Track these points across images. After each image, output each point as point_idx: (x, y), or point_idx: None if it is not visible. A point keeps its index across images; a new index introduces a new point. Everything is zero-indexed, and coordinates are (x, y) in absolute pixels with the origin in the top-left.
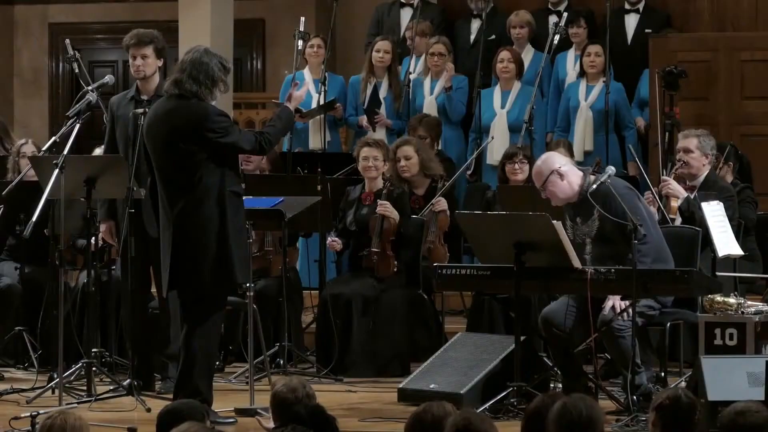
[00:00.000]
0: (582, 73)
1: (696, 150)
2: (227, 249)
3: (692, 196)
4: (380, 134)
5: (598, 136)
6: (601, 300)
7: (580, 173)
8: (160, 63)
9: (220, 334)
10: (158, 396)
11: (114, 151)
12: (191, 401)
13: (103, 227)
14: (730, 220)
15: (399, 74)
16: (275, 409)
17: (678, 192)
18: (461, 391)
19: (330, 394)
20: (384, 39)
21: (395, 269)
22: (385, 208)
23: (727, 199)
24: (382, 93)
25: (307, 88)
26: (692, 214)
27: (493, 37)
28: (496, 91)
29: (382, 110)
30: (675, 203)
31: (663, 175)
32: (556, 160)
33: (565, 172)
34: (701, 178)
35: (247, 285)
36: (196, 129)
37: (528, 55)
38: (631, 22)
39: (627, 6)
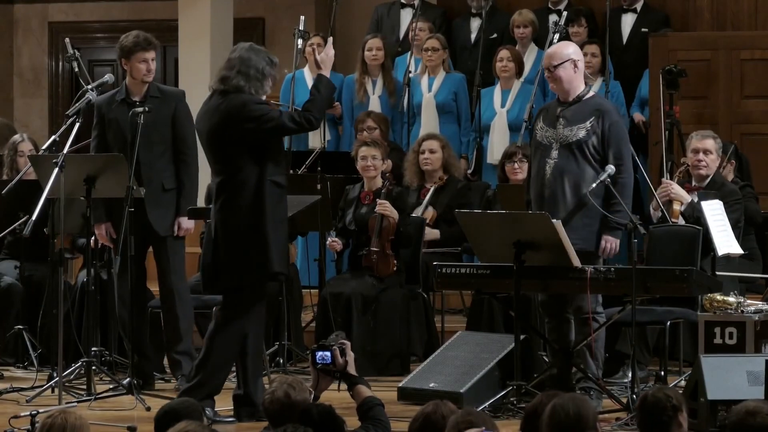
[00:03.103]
0: None
1: (714, 151)
2: (264, 238)
3: (695, 200)
4: None
5: None
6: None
7: (584, 81)
8: None
9: (262, 326)
10: (158, 395)
11: (105, 152)
12: (188, 400)
13: (99, 230)
14: (736, 223)
15: (392, 71)
16: (273, 418)
17: (682, 197)
18: (461, 390)
19: (329, 393)
20: (374, 37)
21: (395, 268)
22: (385, 207)
23: (734, 202)
24: (377, 91)
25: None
26: (697, 220)
27: (495, 35)
28: (496, 91)
29: (376, 107)
30: (677, 207)
31: (665, 176)
32: (577, 51)
33: (579, 68)
34: (708, 180)
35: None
36: (235, 122)
37: (532, 54)
38: (628, 21)
39: (624, 6)
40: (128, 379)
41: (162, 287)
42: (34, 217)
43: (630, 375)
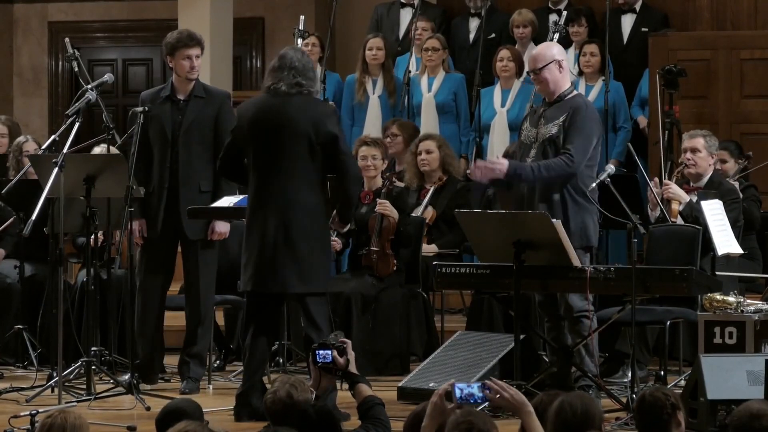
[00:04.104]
0: (581, 72)
1: (703, 150)
2: (328, 244)
3: (695, 200)
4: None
5: None
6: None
7: (569, 81)
8: None
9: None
10: (158, 395)
11: (145, 148)
12: (190, 400)
13: (134, 224)
14: (735, 222)
15: (393, 71)
16: (275, 417)
17: (680, 196)
18: None
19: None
20: (375, 36)
21: (395, 268)
22: (385, 206)
23: (733, 201)
24: (377, 91)
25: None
26: (696, 219)
27: (493, 35)
28: (496, 90)
29: (375, 106)
30: (676, 206)
31: (664, 177)
32: (559, 51)
33: (564, 67)
34: (706, 179)
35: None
36: (322, 124)
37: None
38: (627, 21)
39: (623, 8)
40: (128, 376)
41: (188, 289)
42: (33, 217)
43: (630, 375)
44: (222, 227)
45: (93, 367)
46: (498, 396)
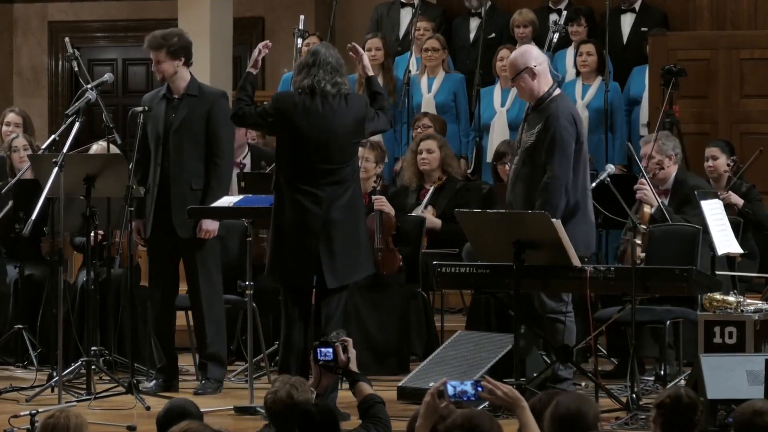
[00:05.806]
0: (578, 72)
1: (656, 155)
2: (366, 237)
3: (666, 202)
4: None
5: (592, 136)
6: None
7: (551, 80)
8: (180, 62)
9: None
10: (158, 394)
11: (146, 149)
12: (189, 399)
13: (134, 224)
14: None
15: (393, 71)
16: (275, 418)
17: (651, 200)
18: None
19: None
20: (374, 37)
21: (400, 263)
22: (381, 202)
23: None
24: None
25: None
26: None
27: (493, 35)
28: (496, 90)
29: None
30: (648, 210)
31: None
32: (533, 56)
33: (538, 72)
34: (671, 180)
35: (247, 283)
36: (363, 121)
37: None
38: (627, 20)
39: (623, 7)
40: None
41: (189, 290)
42: (33, 217)
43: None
44: (210, 224)
45: (93, 367)
46: (491, 394)
